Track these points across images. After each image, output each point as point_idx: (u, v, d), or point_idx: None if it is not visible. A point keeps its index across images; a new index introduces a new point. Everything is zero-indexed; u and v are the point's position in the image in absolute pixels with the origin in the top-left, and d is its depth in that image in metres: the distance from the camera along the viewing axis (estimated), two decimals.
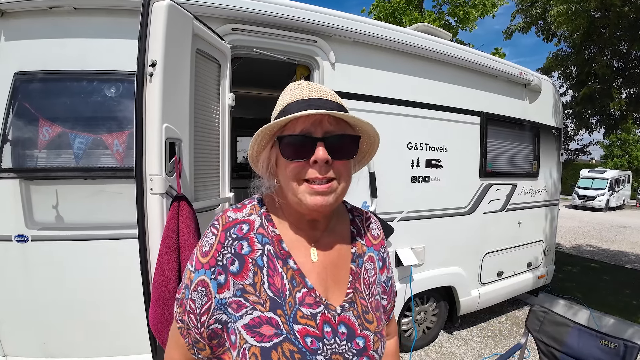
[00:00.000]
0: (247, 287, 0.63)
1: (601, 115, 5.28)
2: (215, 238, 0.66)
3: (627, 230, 10.91)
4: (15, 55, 1.92)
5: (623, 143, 25.01)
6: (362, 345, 0.67)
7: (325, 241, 0.73)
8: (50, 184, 1.91)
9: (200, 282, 0.65)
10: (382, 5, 8.89)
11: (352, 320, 0.68)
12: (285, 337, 0.61)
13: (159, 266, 1.42)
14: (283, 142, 0.65)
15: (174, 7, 1.50)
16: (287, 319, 0.62)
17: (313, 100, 0.65)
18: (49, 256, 1.94)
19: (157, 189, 1.46)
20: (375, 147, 0.76)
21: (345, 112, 0.65)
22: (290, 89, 0.71)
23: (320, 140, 0.63)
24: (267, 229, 0.69)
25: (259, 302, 0.63)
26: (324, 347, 0.63)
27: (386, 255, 0.84)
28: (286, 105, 0.67)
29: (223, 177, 2.14)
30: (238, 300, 0.63)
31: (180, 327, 0.68)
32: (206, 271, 0.65)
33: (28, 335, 1.99)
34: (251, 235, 0.67)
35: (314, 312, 0.65)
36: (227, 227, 0.67)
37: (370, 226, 0.83)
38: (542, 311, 2.00)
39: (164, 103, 1.47)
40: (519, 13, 5.14)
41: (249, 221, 0.69)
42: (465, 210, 3.22)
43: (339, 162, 0.65)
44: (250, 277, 0.64)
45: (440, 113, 2.98)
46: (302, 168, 0.64)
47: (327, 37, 2.42)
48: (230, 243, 0.66)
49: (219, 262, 0.64)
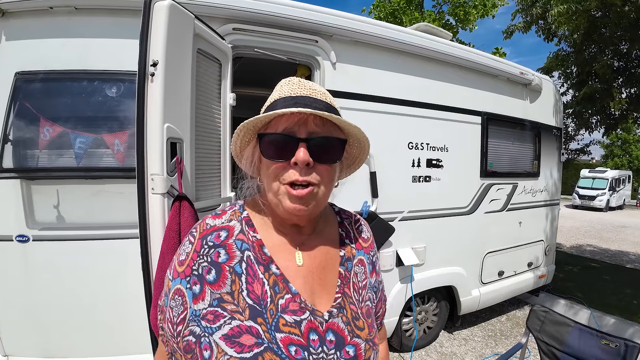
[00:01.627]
0: (224, 295, 0.60)
1: (601, 115, 5.28)
2: (191, 246, 0.64)
3: (627, 230, 10.91)
4: (16, 55, 1.92)
5: (623, 143, 24.99)
6: (352, 354, 0.62)
7: (312, 244, 0.69)
8: (51, 184, 1.91)
9: (176, 290, 0.62)
10: (383, 5, 8.89)
11: (341, 327, 0.63)
12: (267, 347, 0.57)
13: (161, 266, 1.42)
14: (264, 140, 0.62)
15: (175, 7, 1.50)
16: (269, 327, 0.58)
17: (300, 98, 0.62)
18: (50, 256, 1.94)
19: (158, 188, 1.46)
20: (365, 153, 0.71)
21: (333, 113, 0.61)
22: (280, 84, 0.68)
23: (303, 141, 0.60)
24: (247, 234, 0.66)
25: (238, 311, 0.59)
26: (309, 357, 0.58)
27: (375, 259, 0.80)
28: (273, 101, 0.64)
29: (224, 176, 2.14)
30: (215, 311, 0.59)
31: (161, 334, 0.66)
32: (182, 280, 0.62)
33: (29, 335, 1.99)
34: (229, 242, 0.64)
35: (298, 319, 0.61)
36: (203, 235, 0.64)
37: (360, 229, 0.80)
38: (542, 311, 2.00)
39: (166, 103, 1.47)
40: (519, 13, 5.14)
41: (228, 227, 0.66)
42: (466, 210, 3.22)
43: (321, 165, 0.62)
44: (228, 285, 0.60)
45: (441, 113, 2.98)
46: (283, 169, 0.61)
47: (328, 37, 2.42)
48: (207, 251, 0.62)
49: (194, 272, 0.61)
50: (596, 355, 1.74)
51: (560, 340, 1.87)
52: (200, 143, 1.85)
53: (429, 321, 3.23)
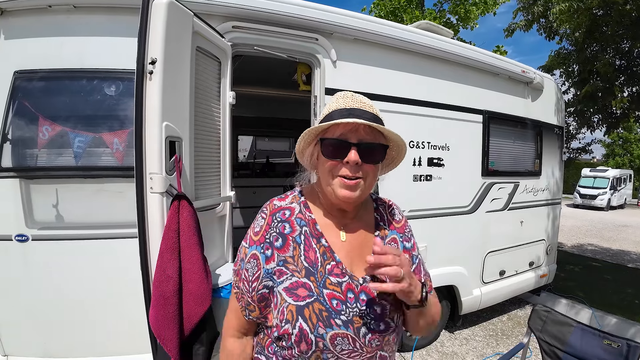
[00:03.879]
0: (288, 258, 0.79)
1: (603, 114, 5.26)
2: (264, 221, 0.84)
3: (628, 229, 10.90)
4: (15, 53, 1.91)
5: (625, 142, 24.93)
6: (379, 312, 0.79)
7: (353, 226, 0.88)
8: (50, 183, 1.90)
9: (252, 255, 0.81)
10: (383, 3, 8.86)
11: (372, 291, 0.79)
12: (316, 299, 0.76)
13: (160, 265, 1.41)
14: (324, 143, 0.80)
15: (173, 5, 1.49)
16: (318, 284, 0.77)
17: (353, 110, 0.78)
18: (49, 255, 1.93)
19: (157, 187, 1.45)
20: (402, 155, 0.88)
21: (379, 123, 0.77)
22: (336, 97, 0.85)
23: (355, 145, 0.77)
24: (304, 214, 0.85)
25: (297, 270, 0.78)
26: (347, 309, 0.77)
27: (410, 235, 0.96)
28: (331, 111, 0.81)
29: (224, 175, 2.13)
30: (280, 269, 0.79)
31: (236, 292, 0.85)
32: (257, 247, 0.81)
33: (28, 334, 1.99)
34: (292, 219, 0.84)
35: (340, 281, 0.79)
36: (273, 212, 0.84)
37: (392, 212, 0.97)
38: (544, 310, 1.99)
39: (164, 101, 1.46)
40: (521, 11, 5.12)
41: (290, 208, 0.86)
42: (467, 209, 3.21)
43: (367, 165, 0.78)
44: (290, 251, 0.80)
45: (442, 111, 2.96)
46: (337, 166, 0.78)
47: (329, 35, 2.40)
48: (276, 225, 0.82)
49: (266, 240, 0.81)
50: (598, 355, 1.72)
51: (562, 340, 1.86)
52: (200, 142, 1.84)
53: None
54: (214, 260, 1.99)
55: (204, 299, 1.49)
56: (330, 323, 0.75)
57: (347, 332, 0.75)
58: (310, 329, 0.73)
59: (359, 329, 0.77)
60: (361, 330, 0.77)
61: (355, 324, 0.76)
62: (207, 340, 1.55)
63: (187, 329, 1.45)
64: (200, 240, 1.55)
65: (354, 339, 0.76)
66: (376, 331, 0.78)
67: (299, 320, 0.74)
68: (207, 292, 1.52)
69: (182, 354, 1.44)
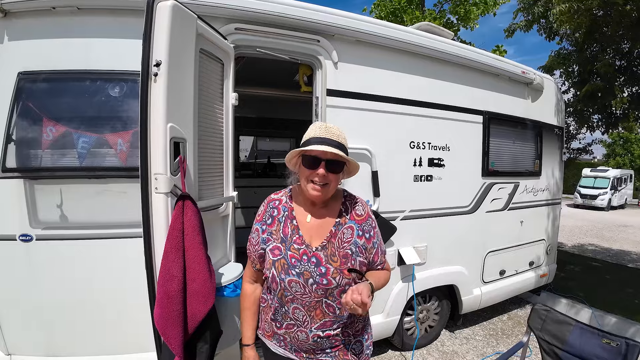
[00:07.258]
0: (273, 232, 1.24)
1: (603, 114, 5.27)
2: (263, 208, 1.30)
3: (629, 229, 10.90)
4: (19, 55, 1.92)
5: (625, 142, 24.90)
6: (323, 272, 1.16)
7: (319, 212, 1.26)
8: (54, 184, 1.92)
9: (256, 229, 1.27)
10: (384, 4, 8.85)
11: (321, 257, 1.18)
12: (283, 257, 1.19)
13: (164, 265, 1.43)
14: (304, 158, 1.19)
15: (178, 7, 1.50)
16: (286, 248, 1.20)
17: (325, 139, 1.16)
18: (53, 255, 1.95)
19: (162, 188, 1.47)
20: (355, 169, 1.25)
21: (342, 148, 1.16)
22: (313, 127, 1.22)
23: (323, 161, 1.15)
24: (287, 203, 1.28)
25: (276, 239, 1.22)
26: (300, 266, 1.17)
27: (369, 228, 1.27)
28: (310, 137, 1.18)
29: (227, 176, 2.15)
30: (268, 238, 1.23)
31: (248, 252, 1.30)
32: (258, 224, 1.28)
33: (32, 333, 2.00)
34: (279, 206, 1.28)
35: (299, 247, 1.20)
36: (268, 202, 1.31)
37: (356, 207, 1.30)
38: (544, 310, 2.00)
39: (169, 103, 1.47)
40: (521, 11, 5.13)
41: (280, 200, 1.30)
42: (468, 209, 3.22)
43: (331, 174, 1.17)
44: (275, 226, 1.25)
45: (443, 112, 2.98)
46: (311, 174, 1.17)
47: (330, 37, 2.42)
48: (269, 210, 1.28)
49: (263, 219, 1.27)
50: (597, 354, 1.74)
51: (561, 339, 1.88)
52: (203, 143, 1.86)
53: (431, 320, 3.24)
54: (217, 259, 2.00)
55: (207, 298, 1.51)
56: (289, 272, 1.17)
57: (299, 280, 1.16)
58: (276, 274, 1.18)
59: (307, 280, 1.15)
60: (309, 281, 1.15)
61: (304, 276, 1.16)
62: (211, 338, 1.57)
63: (191, 327, 1.47)
64: (204, 239, 1.56)
65: (304, 285, 1.16)
66: (320, 284, 1.15)
67: (272, 269, 1.19)
68: (211, 291, 1.54)
69: (186, 352, 1.46)
